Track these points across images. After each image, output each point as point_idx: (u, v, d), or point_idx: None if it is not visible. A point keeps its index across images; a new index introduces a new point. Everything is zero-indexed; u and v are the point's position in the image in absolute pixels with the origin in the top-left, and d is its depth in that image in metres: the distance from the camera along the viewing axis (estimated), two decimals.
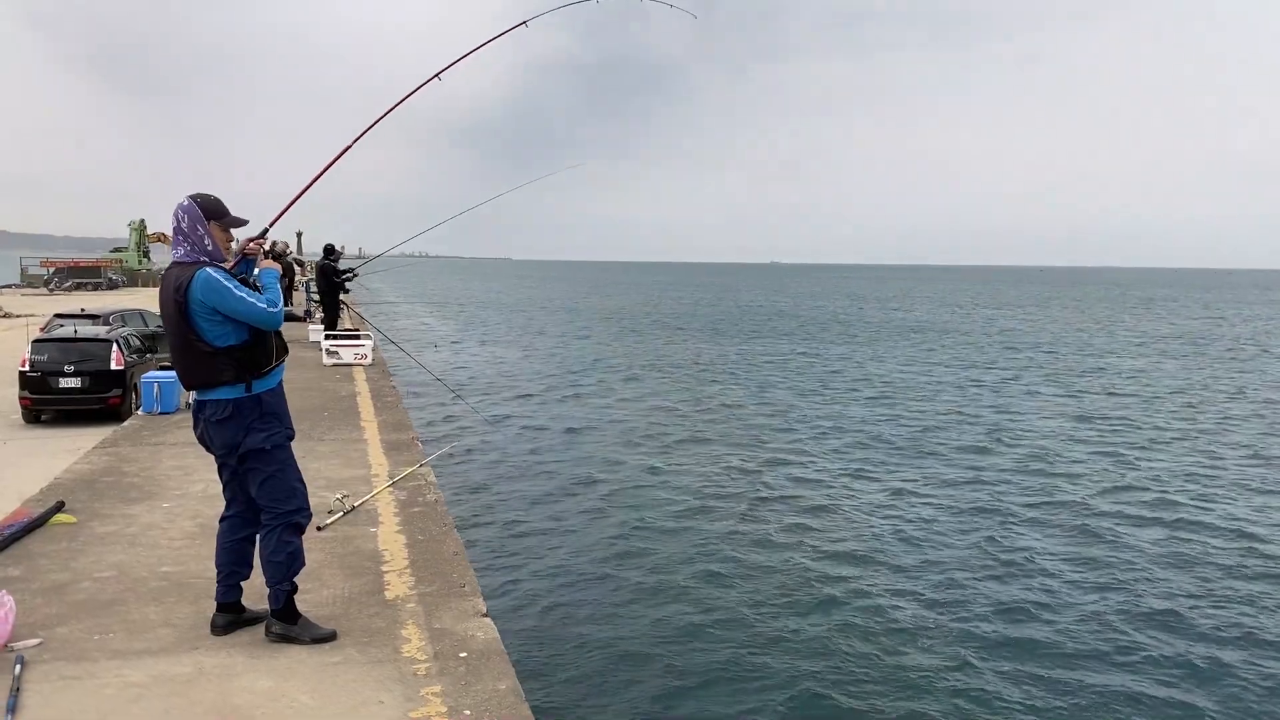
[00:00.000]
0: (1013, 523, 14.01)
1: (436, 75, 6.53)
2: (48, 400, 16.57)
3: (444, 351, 40.11)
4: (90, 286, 63.91)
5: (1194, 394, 28.38)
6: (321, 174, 5.67)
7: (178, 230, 4.70)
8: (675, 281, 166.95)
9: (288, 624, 4.84)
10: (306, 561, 5.01)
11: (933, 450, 19.33)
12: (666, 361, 36.59)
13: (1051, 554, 12.53)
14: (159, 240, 74.72)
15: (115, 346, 16.99)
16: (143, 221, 74.25)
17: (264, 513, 4.84)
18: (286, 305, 19.56)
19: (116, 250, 76.81)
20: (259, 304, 4.65)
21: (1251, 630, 9.91)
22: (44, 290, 63.03)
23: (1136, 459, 18.67)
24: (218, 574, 4.95)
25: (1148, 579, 11.57)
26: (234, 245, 4.99)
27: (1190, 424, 22.89)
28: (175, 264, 4.70)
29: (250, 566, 5.00)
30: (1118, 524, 13.98)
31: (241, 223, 4.90)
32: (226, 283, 4.57)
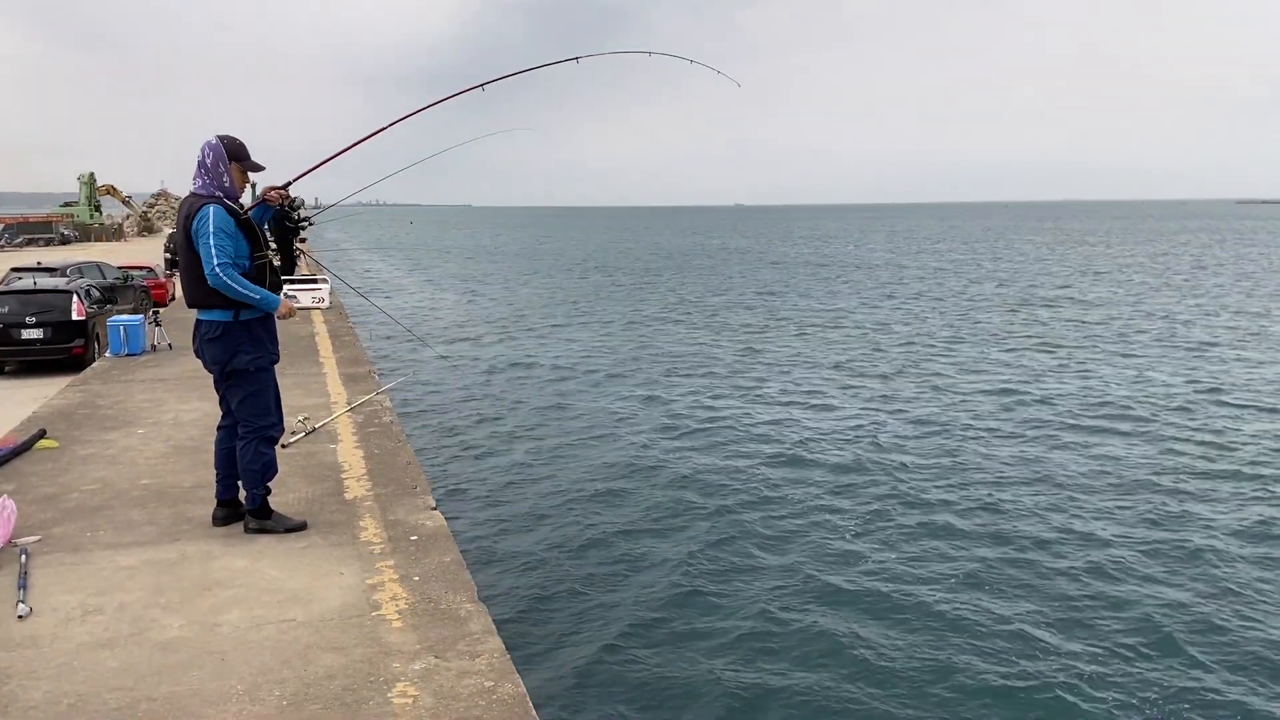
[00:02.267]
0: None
1: (480, 85, 7.04)
2: (10, 351, 16.91)
3: (399, 296, 40.91)
4: (42, 242, 63.02)
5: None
6: (353, 146, 6.27)
7: (201, 164, 5.26)
8: (632, 226, 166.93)
9: (263, 519, 5.54)
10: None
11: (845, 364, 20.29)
12: (605, 302, 37.88)
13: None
14: (109, 193, 73.71)
15: (75, 297, 17.33)
16: (92, 175, 73.12)
17: (241, 425, 5.51)
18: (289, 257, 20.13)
19: (67, 205, 75.61)
20: (216, 259, 5.11)
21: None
22: None
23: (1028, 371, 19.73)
24: (216, 474, 5.66)
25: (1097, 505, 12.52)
26: (253, 189, 5.58)
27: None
28: (192, 194, 5.30)
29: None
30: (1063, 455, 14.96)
31: (259, 168, 5.49)
32: (216, 224, 5.12)
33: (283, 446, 7.27)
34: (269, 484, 5.57)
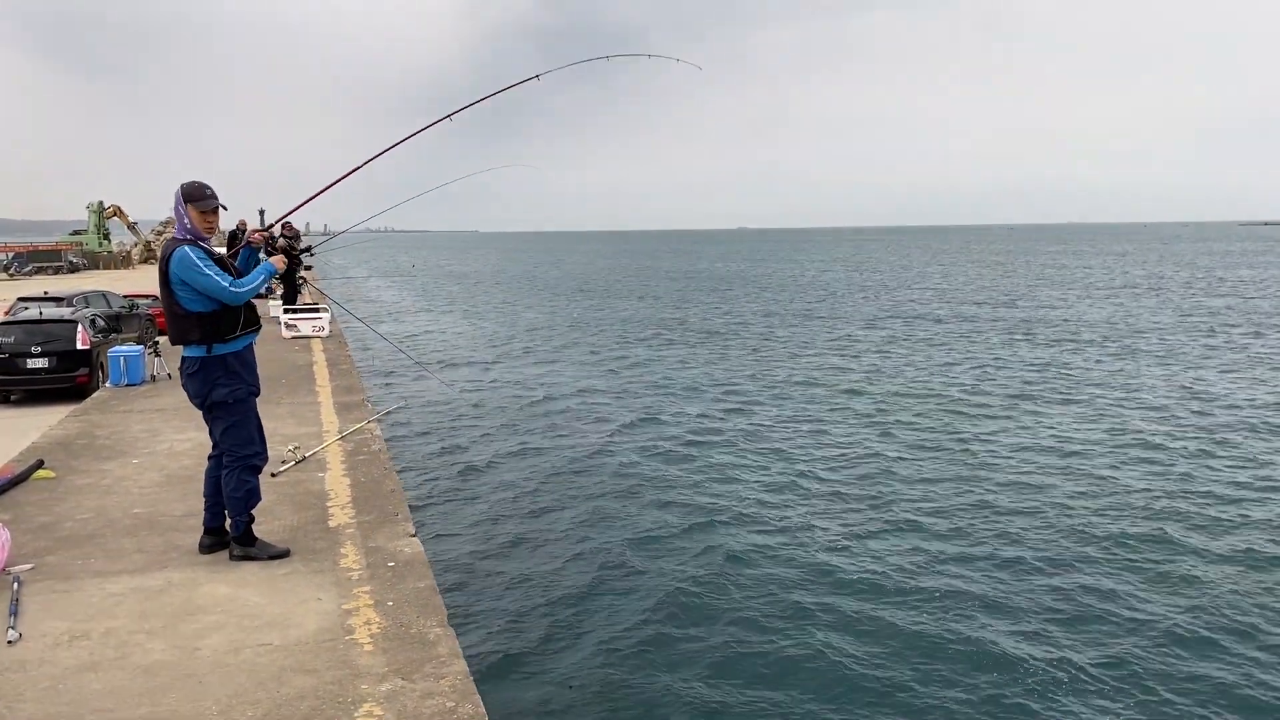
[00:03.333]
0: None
1: (448, 117, 7.22)
2: (16, 381, 17.21)
3: (401, 322, 41.35)
4: (51, 270, 63.65)
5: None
6: (337, 182, 6.54)
7: (175, 211, 5.59)
8: (634, 250, 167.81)
9: (247, 546, 5.76)
10: (261, 499, 5.93)
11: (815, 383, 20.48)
12: (600, 327, 38.17)
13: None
14: (115, 215, 74.35)
15: (80, 327, 17.64)
16: (101, 203, 73.86)
17: (225, 455, 5.75)
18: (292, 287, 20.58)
19: (76, 233, 76.34)
20: (223, 281, 5.48)
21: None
22: (3, 275, 62.79)
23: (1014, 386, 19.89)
24: (205, 503, 5.90)
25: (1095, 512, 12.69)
26: (219, 226, 5.80)
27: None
28: (171, 238, 5.61)
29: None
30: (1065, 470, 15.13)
31: (217, 207, 5.64)
32: (197, 261, 5.43)
33: (272, 475, 7.52)
34: (253, 511, 5.79)
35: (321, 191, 6.67)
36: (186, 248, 5.46)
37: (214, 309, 5.55)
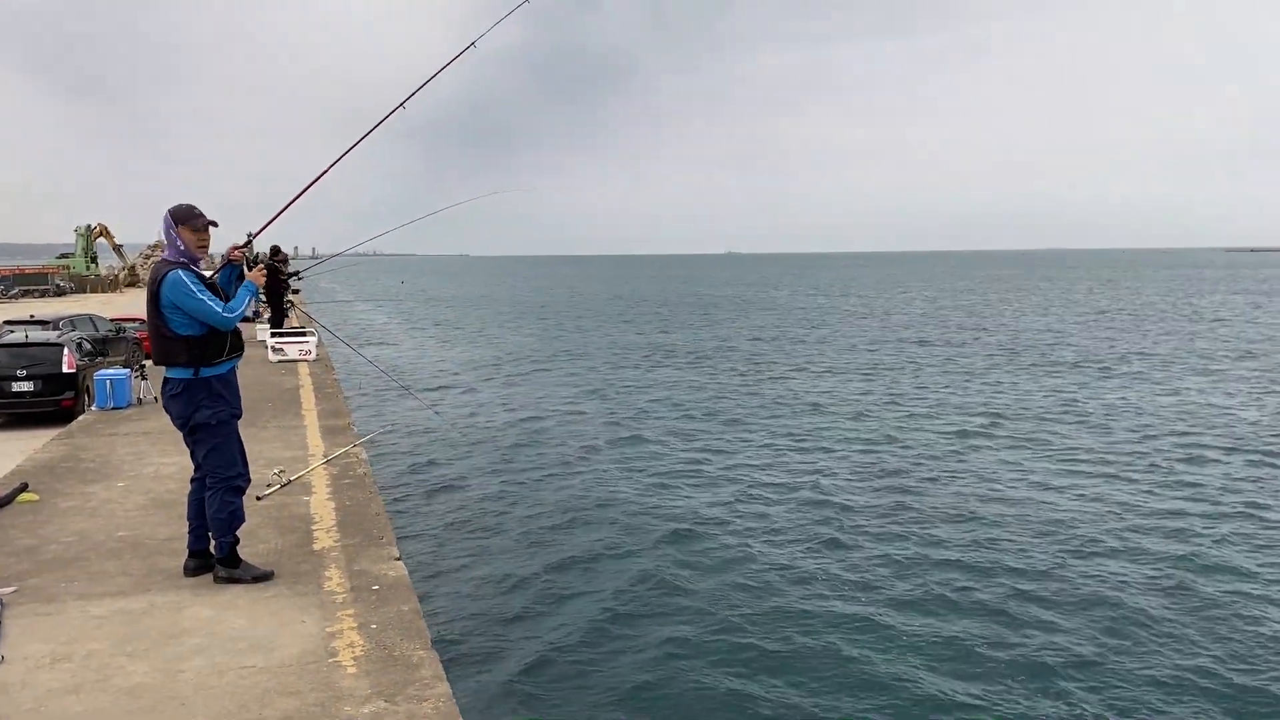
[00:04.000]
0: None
1: (401, 105, 7.08)
2: (1, 404, 17.13)
3: (387, 346, 41.48)
4: (38, 293, 63.39)
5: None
6: (301, 194, 6.57)
7: (165, 234, 5.61)
8: (621, 275, 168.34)
9: (231, 568, 5.77)
10: (246, 522, 5.93)
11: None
12: (584, 350, 38.44)
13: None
14: (101, 235, 74.06)
15: (66, 350, 17.59)
16: (89, 227, 73.70)
17: (209, 477, 5.76)
18: (279, 310, 20.59)
19: (64, 256, 76.11)
20: (215, 307, 5.52)
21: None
22: None
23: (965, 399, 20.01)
24: (189, 526, 5.90)
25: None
26: (210, 245, 5.83)
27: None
28: (162, 260, 5.63)
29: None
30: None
31: (209, 225, 5.69)
32: (191, 285, 5.45)
33: (257, 498, 7.52)
34: (236, 533, 5.80)
35: (289, 204, 6.60)
36: (179, 271, 5.48)
37: (203, 333, 5.57)
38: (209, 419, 5.66)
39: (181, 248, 5.59)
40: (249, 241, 6.18)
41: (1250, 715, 7.96)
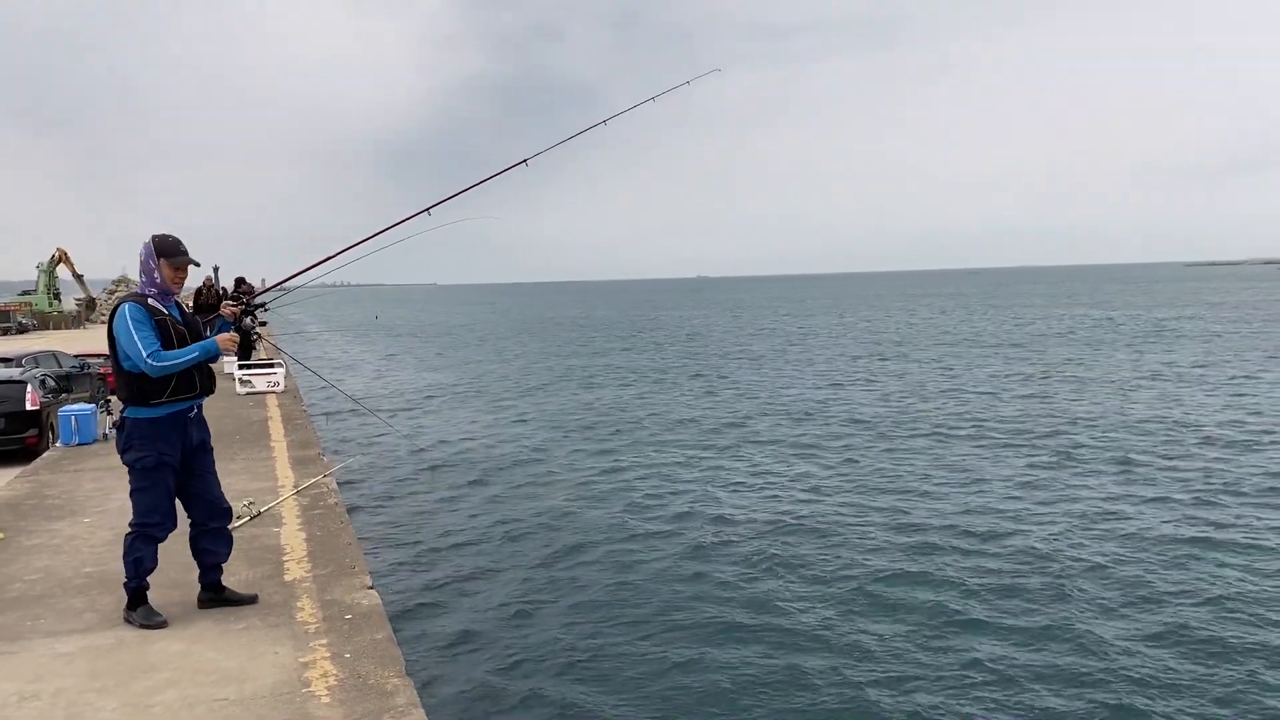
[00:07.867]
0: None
1: (426, 210, 7.05)
2: None
3: (357, 375, 41.50)
4: None
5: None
6: (314, 266, 6.60)
7: (141, 263, 5.48)
8: (590, 299, 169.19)
9: (129, 610, 5.57)
10: (159, 564, 5.62)
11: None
12: (553, 376, 38.56)
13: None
14: (61, 260, 72.71)
15: (29, 387, 17.34)
16: (53, 258, 72.70)
17: (131, 518, 5.52)
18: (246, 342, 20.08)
19: (25, 293, 75.04)
20: (142, 346, 5.22)
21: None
22: None
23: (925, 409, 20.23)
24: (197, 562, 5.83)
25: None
26: (186, 281, 5.71)
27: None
28: (131, 292, 5.53)
29: (227, 549, 5.89)
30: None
31: (190, 263, 5.56)
32: (129, 318, 5.27)
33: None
34: (142, 579, 5.55)
35: (303, 271, 6.76)
36: (130, 302, 5.35)
37: (140, 370, 5.31)
38: (132, 462, 5.43)
39: (158, 279, 5.46)
40: (246, 302, 6.16)
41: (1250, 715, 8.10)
